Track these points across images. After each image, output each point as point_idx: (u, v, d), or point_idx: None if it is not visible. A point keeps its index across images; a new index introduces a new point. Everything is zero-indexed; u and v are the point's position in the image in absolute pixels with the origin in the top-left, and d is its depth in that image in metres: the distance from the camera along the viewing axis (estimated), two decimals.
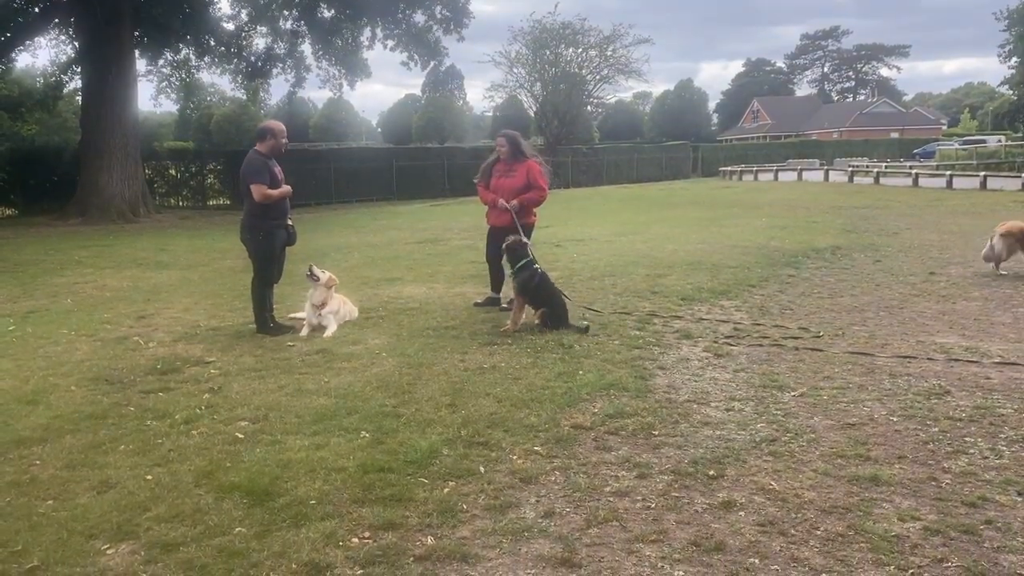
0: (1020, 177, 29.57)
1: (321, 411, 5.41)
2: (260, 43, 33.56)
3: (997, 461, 4.38)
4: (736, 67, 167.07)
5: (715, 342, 7.23)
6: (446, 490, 4.11)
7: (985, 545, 3.49)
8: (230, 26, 32.12)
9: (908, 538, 3.56)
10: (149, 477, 4.37)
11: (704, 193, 33.78)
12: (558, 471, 4.37)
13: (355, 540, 3.62)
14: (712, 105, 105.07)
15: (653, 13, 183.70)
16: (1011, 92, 53.13)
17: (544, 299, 7.89)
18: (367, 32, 33.07)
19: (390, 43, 33.25)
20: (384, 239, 18.00)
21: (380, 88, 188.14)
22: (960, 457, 4.46)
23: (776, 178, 43.86)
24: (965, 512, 3.79)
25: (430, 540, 3.61)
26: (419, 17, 32.65)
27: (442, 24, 32.97)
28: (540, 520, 3.80)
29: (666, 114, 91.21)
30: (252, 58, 33.23)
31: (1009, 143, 50.24)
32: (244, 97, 38.55)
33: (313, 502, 3.99)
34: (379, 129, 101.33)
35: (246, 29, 32.40)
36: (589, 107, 49.07)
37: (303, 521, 3.79)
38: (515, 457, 4.55)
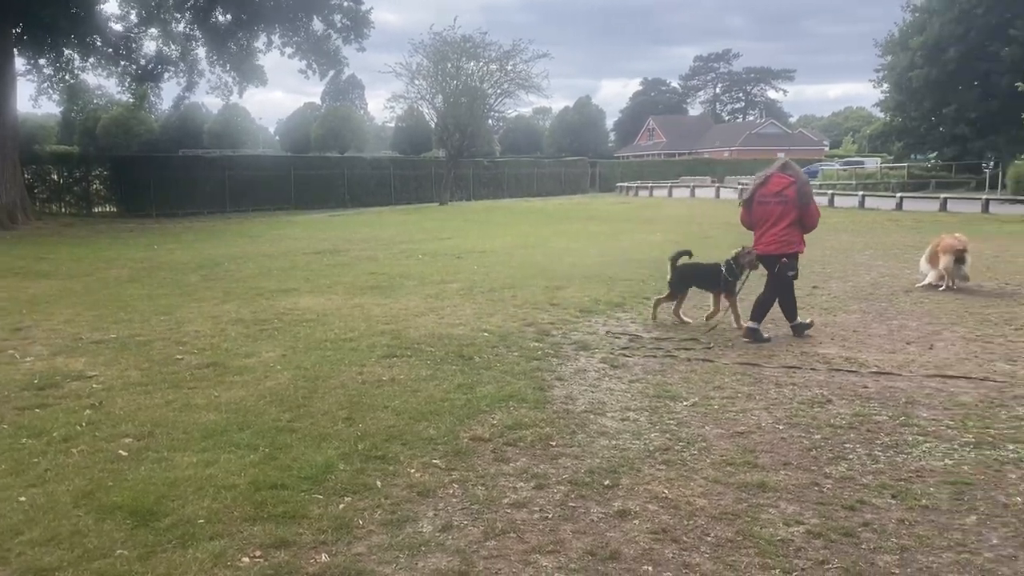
0: (894, 197, 31.44)
1: (211, 427, 5.22)
2: (150, 46, 32.36)
3: (874, 466, 4.62)
4: (634, 86, 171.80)
5: (611, 353, 7.37)
6: (341, 506, 4.03)
7: (863, 547, 3.66)
8: (118, 27, 30.83)
9: (792, 542, 3.70)
10: (23, 499, 4.11)
11: (602, 208, 34.51)
12: (456, 484, 4.35)
13: (245, 559, 3.50)
14: (610, 122, 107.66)
15: (555, 29, 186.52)
16: (884, 115, 56.43)
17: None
18: (263, 38, 32.36)
19: (288, 50, 32.64)
20: (280, 249, 17.58)
21: (279, 95, 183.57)
22: (840, 463, 4.68)
23: (670, 194, 45.22)
24: (844, 515, 3.98)
25: (324, 557, 3.53)
26: (318, 25, 32.19)
27: (341, 33, 32.60)
28: (437, 534, 3.77)
29: (565, 130, 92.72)
30: (142, 61, 31.96)
31: (885, 165, 53.38)
32: (132, 101, 36.91)
33: (201, 521, 3.83)
34: (277, 137, 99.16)
35: (136, 31, 31.16)
36: (490, 121, 49.32)
37: (190, 541, 3.64)
38: (413, 471, 4.50)
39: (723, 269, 8.60)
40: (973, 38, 44.27)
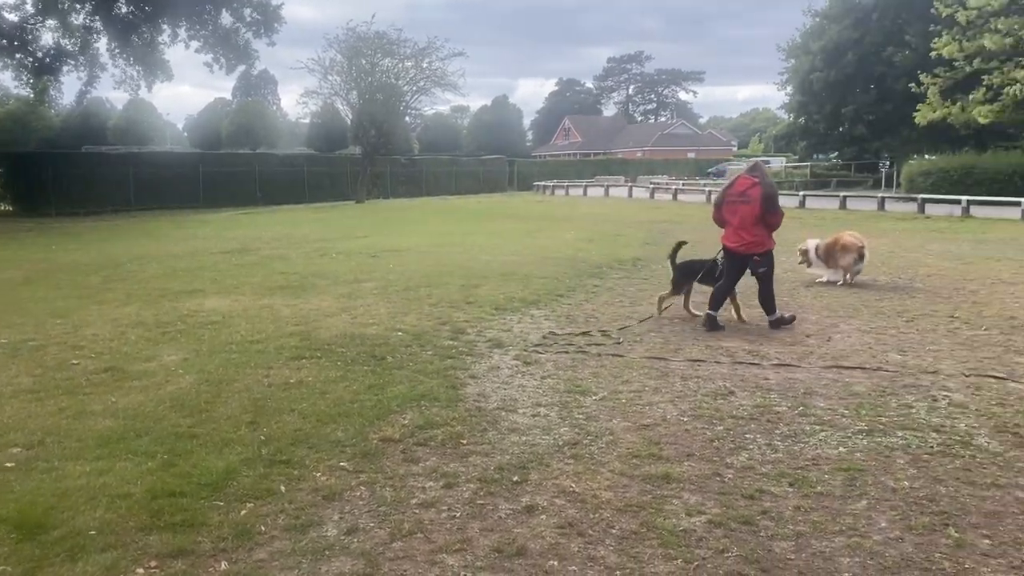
0: (797, 196, 32.59)
1: (106, 434, 5.01)
2: (49, 37, 30.95)
3: (773, 455, 4.77)
4: (550, 85, 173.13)
5: (525, 350, 7.40)
6: (243, 512, 3.93)
7: (761, 534, 3.78)
8: (12, 17, 29.38)
9: (695, 531, 3.79)
10: None
11: (519, 206, 34.67)
12: (364, 486, 4.29)
13: (140, 570, 3.38)
14: (527, 122, 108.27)
15: (474, 28, 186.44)
16: (788, 117, 58.56)
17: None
18: (168, 31, 31.37)
19: (195, 44, 31.74)
20: (187, 249, 17.03)
21: (187, 90, 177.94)
22: (741, 453, 4.81)
23: (585, 193, 45.72)
24: (744, 504, 4.09)
25: (224, 565, 3.43)
26: (226, 18, 31.41)
27: (251, 27, 31.88)
28: (343, 537, 3.71)
29: (483, 128, 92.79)
30: (39, 53, 30.54)
31: (789, 165, 55.32)
32: (30, 95, 35.22)
33: (93, 533, 3.68)
34: (185, 133, 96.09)
35: (32, 22, 29.73)
36: (408, 118, 49.04)
37: (80, 554, 3.49)
38: (319, 474, 4.42)
39: (719, 265, 8.91)
40: (869, 43, 46.35)
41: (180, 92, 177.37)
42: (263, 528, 3.77)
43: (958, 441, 4.96)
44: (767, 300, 8.60)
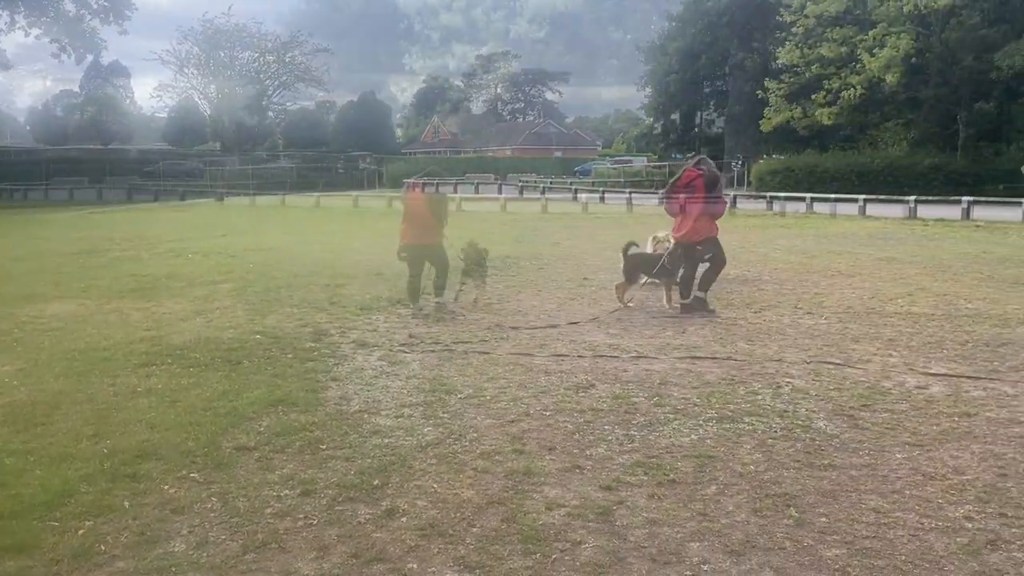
0: (658, 194, 33.76)
1: None
2: None
3: (629, 445, 4.91)
4: (419, 82, 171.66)
5: (390, 350, 7.31)
6: (81, 532, 3.68)
7: (617, 524, 3.87)
8: None
9: (553, 525, 3.84)
10: None
11: (389, 204, 34.26)
12: (215, 497, 4.11)
13: None
14: (397, 118, 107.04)
15: (337, 23, 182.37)
16: (647, 117, 60.72)
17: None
18: (5, 17, 29.15)
19: (35, 31, 29.61)
20: (28, 250, 15.87)
21: (30, 81, 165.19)
22: (600, 445, 4.93)
23: (456, 191, 45.72)
24: (602, 495, 4.19)
25: None
26: (70, 4, 29.44)
27: (99, 14, 30.06)
28: (191, 552, 3.54)
29: (350, 125, 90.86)
30: None
31: (650, 164, 57.33)
32: None
33: None
34: (28, 127, 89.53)
35: None
36: (271, 113, 47.69)
37: None
38: (167, 487, 4.21)
39: (665, 259, 9.32)
40: (720, 47, 48.67)
41: (21, 83, 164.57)
42: (104, 547, 3.55)
43: (799, 425, 5.26)
44: (686, 284, 9.18)
